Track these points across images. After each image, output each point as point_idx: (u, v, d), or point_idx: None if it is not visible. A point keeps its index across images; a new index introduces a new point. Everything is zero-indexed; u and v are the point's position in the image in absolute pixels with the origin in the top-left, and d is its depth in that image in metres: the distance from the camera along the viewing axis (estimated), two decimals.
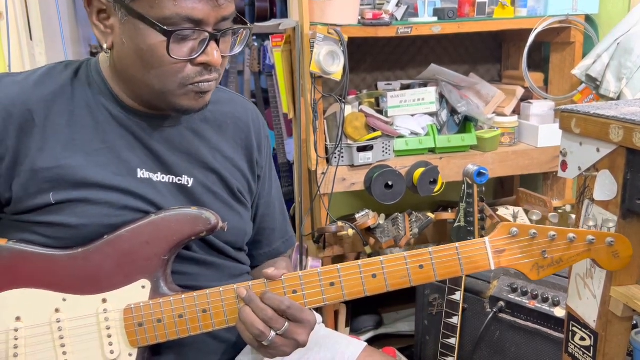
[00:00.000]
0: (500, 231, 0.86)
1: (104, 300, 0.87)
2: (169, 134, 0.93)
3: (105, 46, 0.85)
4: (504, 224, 0.86)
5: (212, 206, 0.93)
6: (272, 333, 0.84)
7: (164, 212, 0.89)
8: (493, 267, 0.86)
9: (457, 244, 0.86)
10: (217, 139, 0.99)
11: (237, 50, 0.90)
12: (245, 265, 1.05)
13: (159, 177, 0.92)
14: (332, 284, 0.86)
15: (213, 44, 0.83)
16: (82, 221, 0.86)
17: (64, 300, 0.86)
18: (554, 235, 0.85)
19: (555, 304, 1.36)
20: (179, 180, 0.93)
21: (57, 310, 0.86)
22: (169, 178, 0.93)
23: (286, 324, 0.84)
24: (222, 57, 0.85)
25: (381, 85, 2.01)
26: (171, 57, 0.81)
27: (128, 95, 0.90)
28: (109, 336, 0.87)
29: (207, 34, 0.82)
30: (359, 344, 1.06)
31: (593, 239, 0.85)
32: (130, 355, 0.87)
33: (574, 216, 0.90)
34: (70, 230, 0.86)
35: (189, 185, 0.94)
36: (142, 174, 0.90)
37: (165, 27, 0.79)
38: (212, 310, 0.86)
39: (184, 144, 0.94)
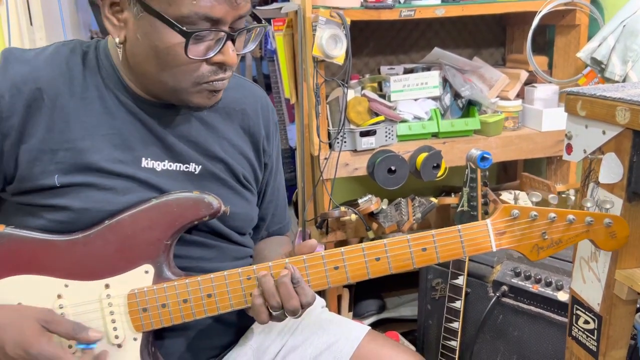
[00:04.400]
0: (501, 213, 0.86)
1: (107, 286, 0.87)
2: (178, 122, 0.93)
3: (117, 40, 0.83)
4: (505, 206, 0.86)
5: (220, 193, 0.92)
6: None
7: (166, 196, 0.88)
8: (494, 249, 0.87)
9: (459, 226, 0.86)
10: (224, 126, 0.98)
11: (251, 47, 0.90)
12: (248, 248, 1.05)
13: (165, 165, 0.91)
14: (336, 268, 0.86)
15: (229, 44, 0.82)
16: (85, 205, 0.85)
17: (66, 286, 0.86)
18: (554, 217, 0.86)
19: (559, 287, 1.36)
20: (186, 167, 0.93)
21: (59, 296, 0.86)
22: (177, 166, 0.92)
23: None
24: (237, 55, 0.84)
25: (384, 69, 1.99)
26: (189, 57, 0.79)
27: (137, 86, 0.89)
28: (113, 321, 0.87)
29: (223, 34, 0.81)
30: (362, 328, 1.06)
31: (592, 220, 0.86)
32: (135, 339, 0.88)
33: (573, 198, 0.90)
34: (72, 214, 0.85)
35: (196, 173, 0.94)
36: (146, 163, 0.90)
37: (183, 27, 0.77)
38: (217, 296, 0.86)
39: (192, 133, 0.94)
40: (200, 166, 0.94)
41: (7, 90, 0.84)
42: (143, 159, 0.90)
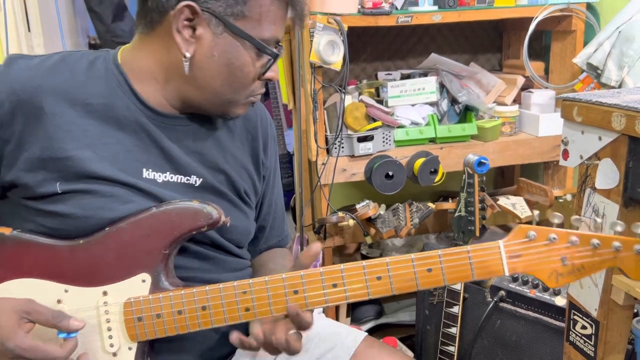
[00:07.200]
0: (516, 234, 0.78)
1: (105, 293, 0.86)
2: (182, 133, 0.94)
3: (187, 54, 0.86)
4: (520, 227, 0.78)
5: (219, 205, 0.92)
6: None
7: (165, 205, 0.88)
8: (507, 273, 0.79)
9: (469, 247, 0.79)
10: (226, 138, 1.00)
11: None
12: (246, 259, 1.06)
13: (167, 176, 0.92)
14: (334, 285, 0.82)
15: (275, 62, 0.91)
16: (86, 213, 0.85)
17: (66, 291, 0.86)
18: (575, 241, 0.77)
19: (556, 293, 1.36)
20: (187, 179, 0.94)
21: (59, 302, 0.85)
22: (178, 178, 0.93)
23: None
24: None
25: (381, 75, 2.00)
26: (263, 75, 0.91)
27: (152, 94, 0.90)
28: (109, 329, 0.86)
29: (275, 53, 0.90)
30: (359, 334, 1.06)
31: (620, 246, 0.76)
32: (129, 349, 0.87)
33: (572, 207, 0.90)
34: (74, 221, 0.85)
35: (197, 185, 0.94)
36: (147, 174, 0.90)
37: (273, 49, 0.89)
38: (211, 308, 0.85)
39: (197, 144, 0.95)
40: (201, 179, 0.94)
41: (6, 97, 0.84)
42: (144, 169, 0.90)
